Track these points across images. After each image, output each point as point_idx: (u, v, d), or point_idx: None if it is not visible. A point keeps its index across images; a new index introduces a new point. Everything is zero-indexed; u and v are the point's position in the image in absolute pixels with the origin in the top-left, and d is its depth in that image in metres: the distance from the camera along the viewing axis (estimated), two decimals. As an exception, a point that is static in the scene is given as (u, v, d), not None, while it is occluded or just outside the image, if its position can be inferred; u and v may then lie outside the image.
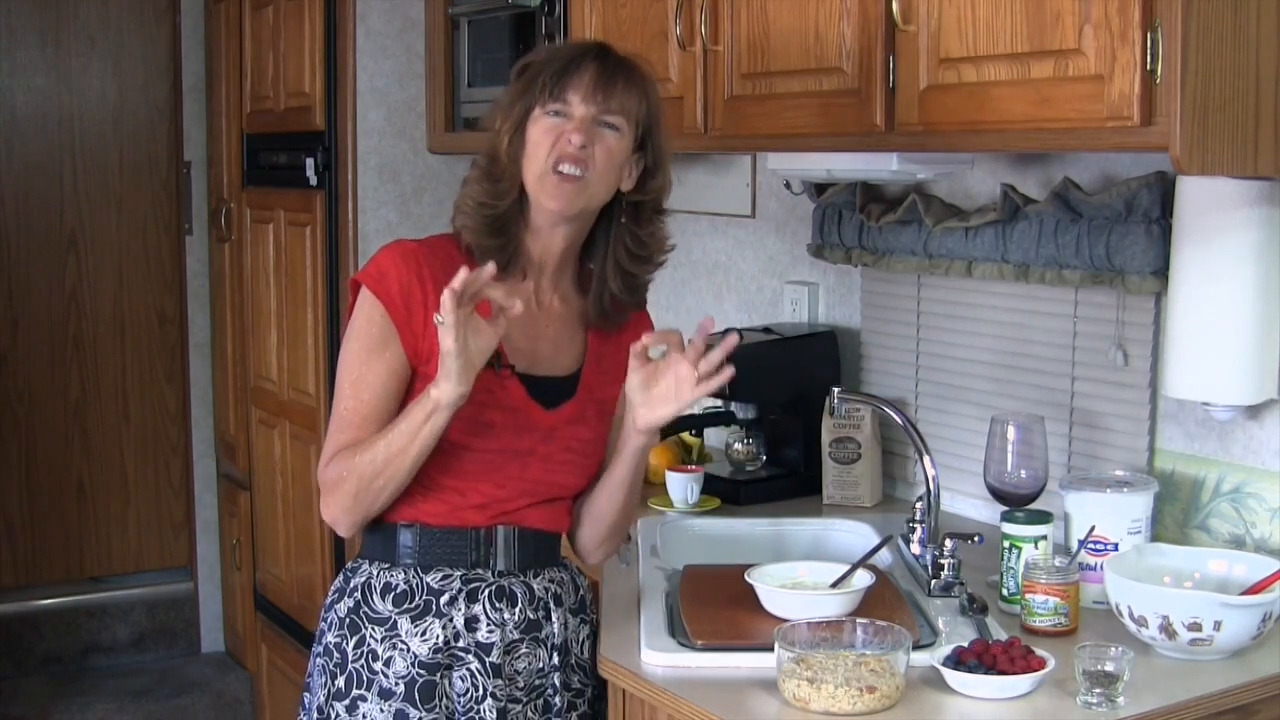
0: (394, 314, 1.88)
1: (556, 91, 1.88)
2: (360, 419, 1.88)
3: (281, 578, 3.97)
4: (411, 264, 1.90)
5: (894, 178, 2.50)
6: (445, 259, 1.91)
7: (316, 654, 2.00)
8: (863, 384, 2.84)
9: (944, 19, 2.00)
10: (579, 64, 1.89)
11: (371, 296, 1.89)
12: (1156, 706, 1.72)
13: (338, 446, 1.88)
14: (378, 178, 3.53)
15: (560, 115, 1.88)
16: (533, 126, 1.89)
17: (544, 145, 1.88)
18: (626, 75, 1.91)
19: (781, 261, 3.05)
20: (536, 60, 1.94)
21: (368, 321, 1.90)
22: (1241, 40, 1.74)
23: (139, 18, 4.55)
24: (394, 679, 1.90)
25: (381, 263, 1.91)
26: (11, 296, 4.48)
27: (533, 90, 1.89)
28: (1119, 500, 2.06)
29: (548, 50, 2.00)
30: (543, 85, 1.88)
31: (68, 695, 4.31)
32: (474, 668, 1.92)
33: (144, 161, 4.60)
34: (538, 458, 1.94)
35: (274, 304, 3.89)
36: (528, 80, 1.91)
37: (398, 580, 1.93)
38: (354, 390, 1.89)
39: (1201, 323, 2.07)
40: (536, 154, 1.88)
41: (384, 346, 1.89)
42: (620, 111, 1.89)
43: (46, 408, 4.55)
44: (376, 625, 1.92)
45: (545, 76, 1.89)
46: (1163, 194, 2.17)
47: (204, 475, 4.61)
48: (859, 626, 1.81)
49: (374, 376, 1.89)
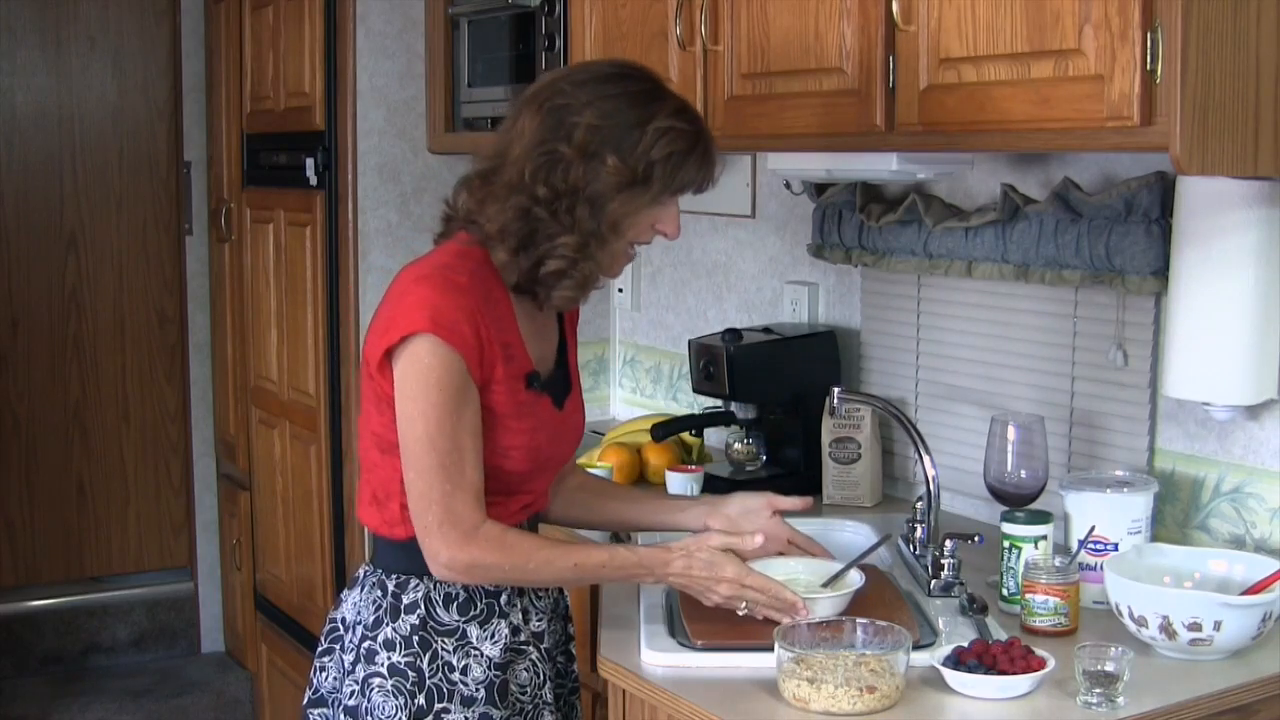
0: (470, 358, 1.83)
1: (692, 190, 1.89)
2: (475, 458, 1.85)
3: (281, 578, 3.97)
4: (472, 299, 1.84)
5: (894, 178, 2.50)
6: (485, 282, 1.88)
7: (370, 676, 1.92)
8: (863, 384, 2.84)
9: (944, 19, 2.00)
10: (709, 162, 1.89)
11: (445, 346, 1.81)
12: (1156, 706, 1.72)
13: (472, 491, 1.84)
14: (378, 178, 3.53)
15: (665, 205, 1.90)
16: (641, 214, 1.87)
17: (639, 232, 1.89)
18: None
19: (781, 261, 3.05)
20: (679, 148, 1.84)
21: (449, 372, 1.81)
22: (1241, 40, 1.74)
23: (139, 18, 4.55)
24: (473, 685, 1.92)
25: (444, 309, 1.82)
26: (11, 296, 4.47)
27: (672, 184, 1.86)
28: (1119, 500, 2.06)
29: (681, 133, 1.86)
30: (682, 185, 1.87)
31: (68, 695, 4.31)
32: (534, 657, 1.97)
33: (144, 161, 4.60)
34: (555, 458, 2.02)
35: (274, 304, 3.89)
36: (671, 171, 1.84)
37: (455, 590, 1.93)
38: (453, 441, 1.82)
39: (1201, 323, 2.07)
40: (627, 235, 1.88)
41: (469, 389, 1.84)
42: None
43: (46, 408, 4.54)
44: (447, 637, 1.92)
45: (687, 175, 1.86)
46: (1163, 194, 2.17)
47: (204, 475, 4.61)
48: (859, 626, 1.81)
49: (469, 420, 1.84)
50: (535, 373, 1.93)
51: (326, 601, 3.64)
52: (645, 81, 1.89)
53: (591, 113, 1.82)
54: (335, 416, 3.58)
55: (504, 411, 1.88)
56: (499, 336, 1.87)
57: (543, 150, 1.83)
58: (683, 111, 1.88)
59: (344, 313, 3.54)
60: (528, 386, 1.91)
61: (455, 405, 1.82)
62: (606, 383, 3.65)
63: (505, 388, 1.88)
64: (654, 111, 1.84)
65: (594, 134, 1.81)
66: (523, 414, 1.90)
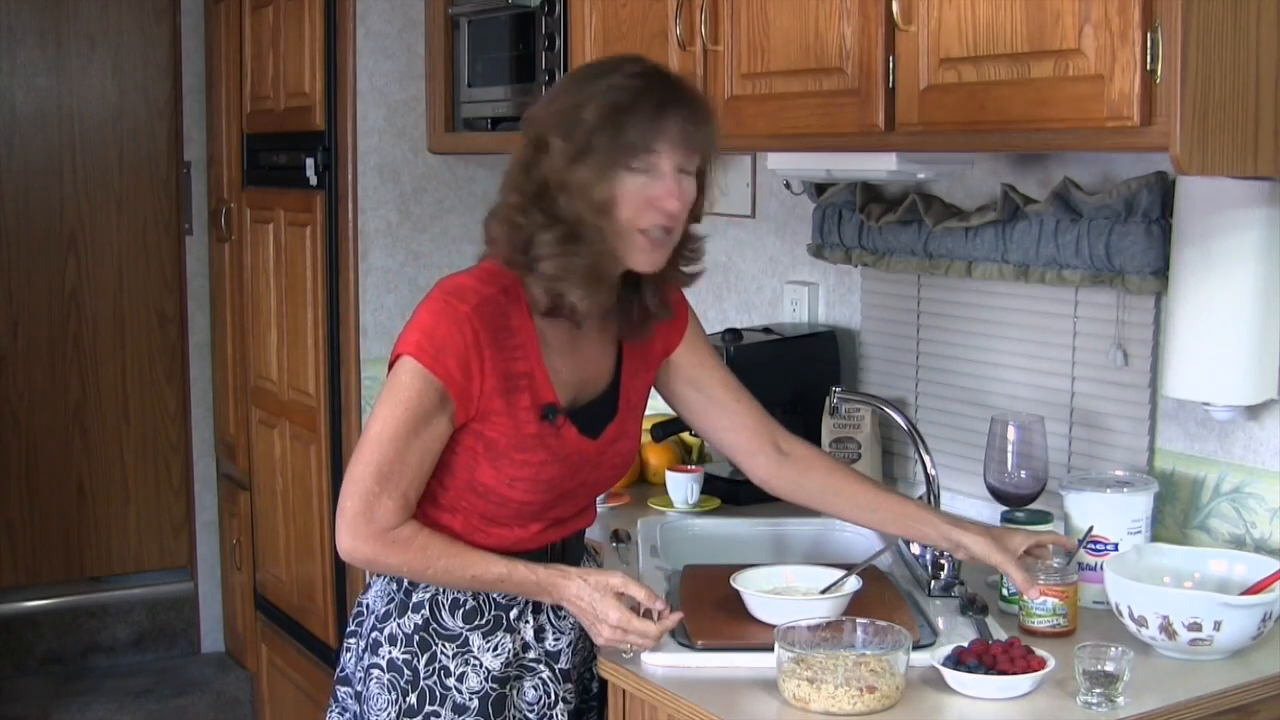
0: (452, 389, 1.81)
1: (647, 144, 1.77)
2: (407, 482, 1.84)
3: (281, 578, 3.97)
4: (467, 332, 1.81)
5: (894, 178, 2.50)
6: (494, 312, 1.83)
7: (371, 666, 1.94)
8: (863, 384, 2.84)
9: (944, 19, 2.00)
10: (664, 113, 1.78)
11: (424, 371, 1.80)
12: (1156, 706, 1.72)
13: (401, 496, 1.83)
14: (378, 178, 3.53)
15: (647, 170, 1.79)
16: (621, 186, 1.78)
17: (634, 209, 1.79)
18: (705, 118, 1.84)
19: (781, 261, 3.05)
20: (618, 103, 1.77)
21: (419, 395, 1.81)
22: (1241, 40, 1.74)
23: (139, 18, 4.55)
24: (467, 694, 1.91)
25: (436, 336, 1.81)
26: (11, 296, 4.48)
27: (619, 144, 1.77)
28: (1119, 500, 2.06)
29: (623, 88, 1.79)
30: (631, 143, 1.77)
31: (68, 695, 4.31)
32: (545, 676, 1.95)
33: (144, 161, 4.61)
34: (588, 485, 1.98)
35: (274, 304, 3.89)
36: (612, 130, 1.77)
37: (465, 596, 1.92)
38: (398, 453, 1.82)
39: (1201, 323, 2.07)
40: (621, 215, 1.80)
41: (435, 417, 1.83)
42: (700, 157, 1.85)
43: (46, 408, 4.55)
44: (448, 641, 1.92)
45: (633, 131, 1.77)
46: (1163, 194, 2.17)
47: (204, 475, 4.61)
48: (859, 627, 1.81)
49: (422, 444, 1.83)
50: (552, 405, 1.87)
51: (326, 601, 3.65)
52: (606, 63, 1.88)
53: (545, 108, 1.85)
54: (335, 416, 3.58)
55: (506, 445, 1.86)
56: (504, 368, 1.84)
57: (514, 162, 1.86)
58: (635, 73, 1.80)
59: (344, 313, 3.54)
60: (541, 419, 1.87)
61: (414, 426, 1.82)
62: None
63: (509, 420, 1.85)
64: (598, 84, 1.81)
65: (542, 125, 1.82)
66: (529, 446, 1.86)
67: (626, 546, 2.44)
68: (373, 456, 1.83)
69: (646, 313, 1.95)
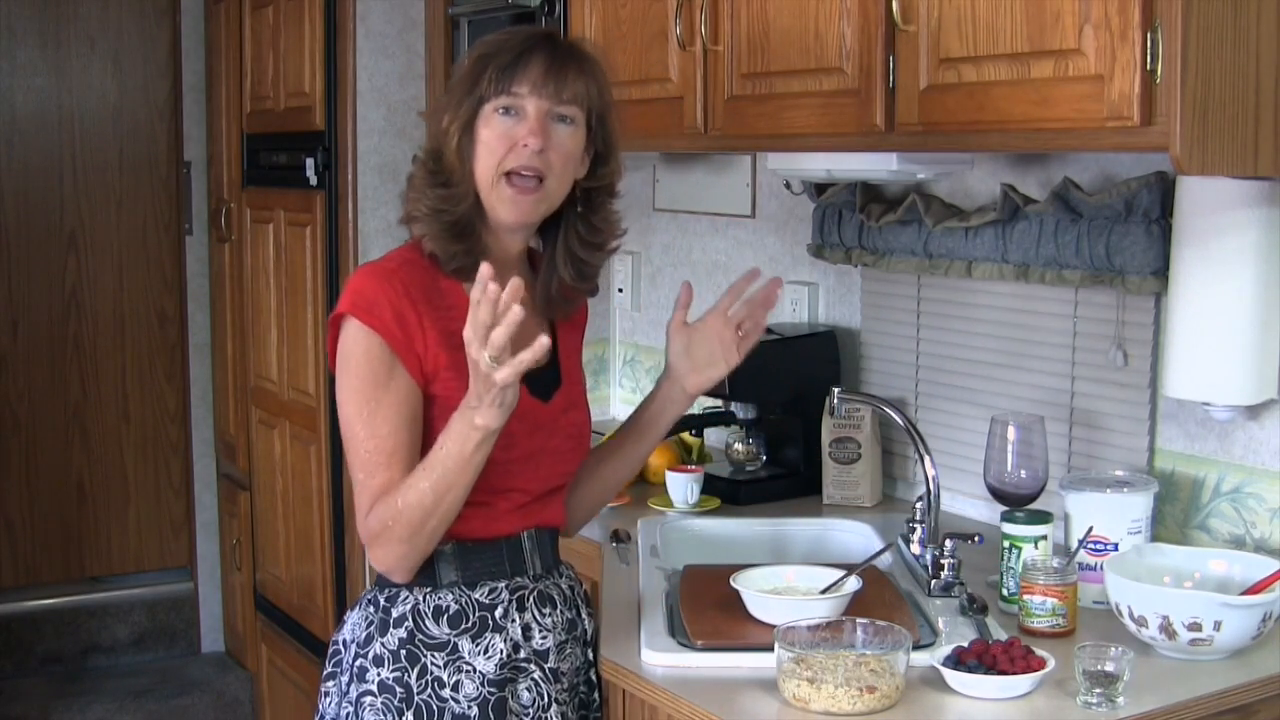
0: (393, 341, 1.79)
1: (506, 84, 1.79)
2: (386, 457, 1.78)
3: (281, 578, 3.97)
4: (396, 285, 1.80)
5: (894, 178, 2.50)
6: (419, 272, 1.84)
7: (361, 695, 1.86)
8: (863, 384, 2.84)
9: (944, 19, 2.00)
10: (527, 54, 1.80)
11: (364, 328, 1.79)
12: (1156, 706, 1.72)
13: (375, 492, 1.78)
14: (378, 178, 3.53)
15: (511, 112, 1.80)
16: (483, 126, 1.81)
17: (497, 149, 1.80)
18: (578, 62, 1.83)
19: (781, 261, 3.05)
20: (484, 52, 1.82)
21: (366, 355, 1.80)
22: (1241, 40, 1.74)
23: (139, 18, 4.55)
24: (465, 702, 1.84)
25: (365, 291, 1.81)
26: (11, 296, 4.48)
27: (480, 84, 1.80)
28: (1119, 500, 2.06)
29: (495, 39, 1.85)
30: (490, 79, 1.79)
31: (68, 695, 4.31)
32: (537, 677, 1.90)
33: (144, 161, 4.60)
34: (548, 453, 1.92)
35: (274, 304, 3.89)
36: (474, 73, 1.81)
37: (447, 602, 1.86)
38: (369, 429, 1.79)
39: (1201, 323, 2.07)
40: (488, 158, 1.81)
41: (390, 377, 1.79)
42: (574, 101, 1.82)
43: (46, 408, 4.55)
44: (436, 651, 1.85)
45: (493, 70, 1.79)
46: (1163, 194, 2.17)
47: (204, 475, 4.61)
48: (859, 627, 1.81)
49: (387, 410, 1.79)
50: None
51: (326, 601, 3.65)
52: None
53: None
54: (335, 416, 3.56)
55: (458, 400, 1.76)
56: (443, 325, 1.81)
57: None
58: (515, 31, 1.87)
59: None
60: None
61: (372, 391, 1.79)
62: (606, 383, 3.65)
63: (457, 377, 1.77)
64: (480, 43, 1.87)
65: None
66: None
67: (626, 546, 2.44)
68: (352, 444, 1.82)
69: (565, 285, 1.94)
